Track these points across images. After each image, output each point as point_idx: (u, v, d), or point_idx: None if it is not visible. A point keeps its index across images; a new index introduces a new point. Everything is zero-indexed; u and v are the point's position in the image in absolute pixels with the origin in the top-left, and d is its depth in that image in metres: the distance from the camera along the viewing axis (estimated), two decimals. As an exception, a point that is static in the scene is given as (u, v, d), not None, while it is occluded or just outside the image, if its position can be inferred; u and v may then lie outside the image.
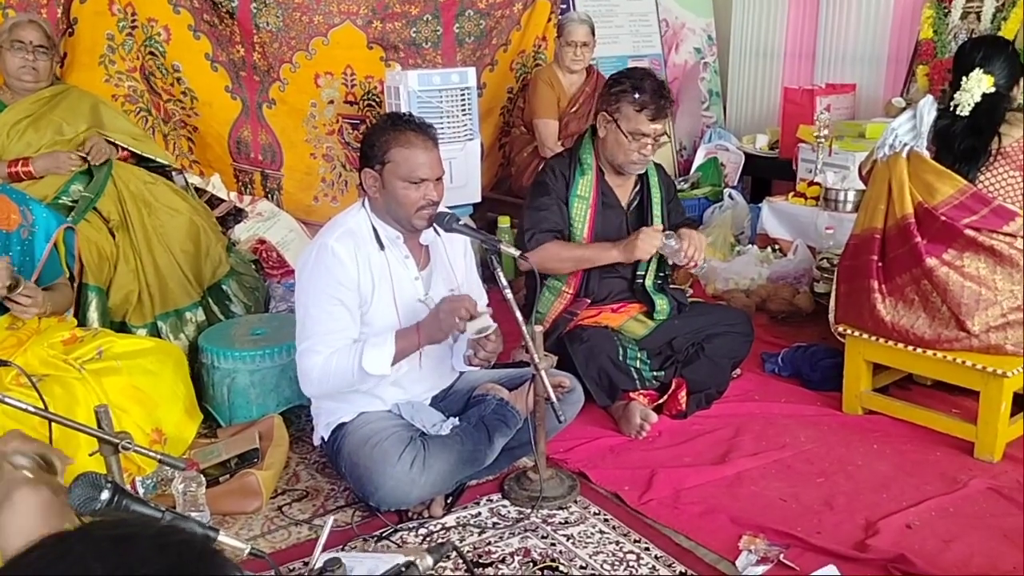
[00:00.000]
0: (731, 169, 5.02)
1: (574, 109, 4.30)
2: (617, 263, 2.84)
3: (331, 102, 4.24)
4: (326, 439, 2.41)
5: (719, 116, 5.67)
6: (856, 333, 2.78)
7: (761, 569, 2.05)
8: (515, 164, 4.49)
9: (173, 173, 3.35)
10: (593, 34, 4.29)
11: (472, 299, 2.25)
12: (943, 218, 2.55)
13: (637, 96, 2.72)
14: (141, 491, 2.33)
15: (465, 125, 3.90)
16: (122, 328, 2.91)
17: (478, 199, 4.08)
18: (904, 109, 4.28)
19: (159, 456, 1.80)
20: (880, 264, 2.68)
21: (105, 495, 1.13)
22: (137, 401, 2.44)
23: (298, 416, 2.84)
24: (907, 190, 2.63)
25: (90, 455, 1.84)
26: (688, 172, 5.16)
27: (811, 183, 4.09)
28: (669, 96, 2.82)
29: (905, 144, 2.67)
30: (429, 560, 1.07)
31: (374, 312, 2.30)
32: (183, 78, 3.91)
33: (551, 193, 2.87)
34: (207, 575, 0.63)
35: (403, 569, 1.00)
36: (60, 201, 2.95)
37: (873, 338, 2.74)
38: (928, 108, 2.68)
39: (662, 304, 2.90)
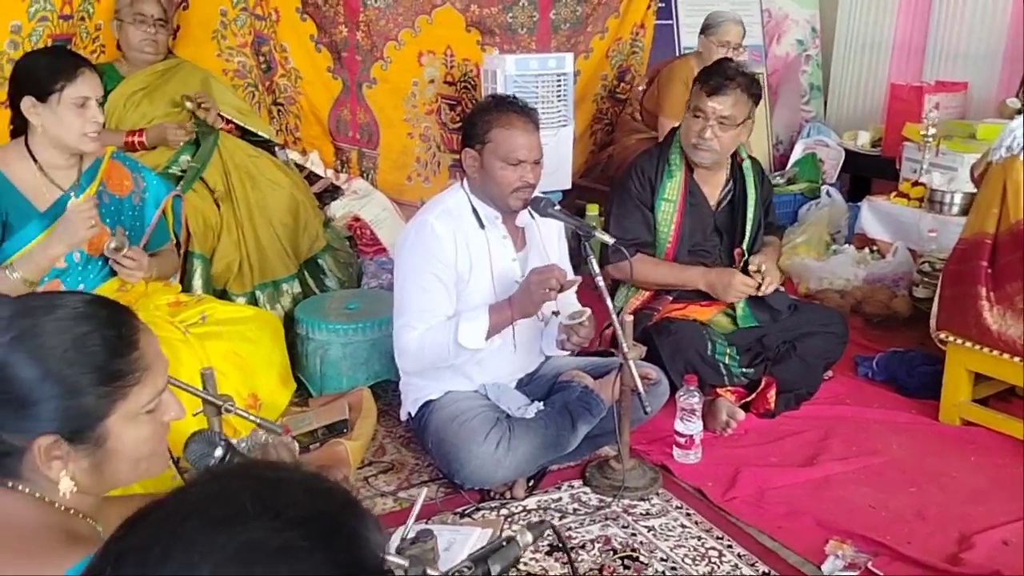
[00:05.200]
0: (830, 166, 4.89)
1: None
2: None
3: (432, 81, 4.29)
4: (413, 415, 2.46)
5: (819, 111, 5.52)
6: (959, 341, 2.68)
7: (848, 575, 2.01)
8: (619, 144, 4.40)
9: (276, 148, 3.44)
10: (744, 35, 4.05)
11: (561, 269, 2.25)
12: (1061, 225, 2.43)
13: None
14: (237, 453, 2.42)
15: (559, 111, 3.90)
16: (222, 295, 3.02)
17: (568, 186, 4.07)
18: (1019, 111, 4.10)
19: (259, 420, 1.87)
20: (990, 271, 2.57)
21: (219, 452, 1.18)
22: (236, 366, 2.52)
23: (385, 391, 2.90)
24: (1023, 194, 2.51)
25: (194, 415, 1.92)
26: (784, 167, 5.04)
27: (915, 183, 3.95)
28: (731, 74, 2.77)
29: (1024, 147, 2.56)
30: (529, 537, 1.08)
31: (471, 290, 2.33)
32: (289, 58, 4.02)
33: (634, 198, 2.85)
34: (348, 523, 0.66)
35: (504, 544, 1.02)
36: (170, 171, 3.07)
37: (977, 347, 2.63)
38: (1051, 109, 2.55)
39: (742, 309, 2.85)
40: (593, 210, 4.34)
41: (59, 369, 1.03)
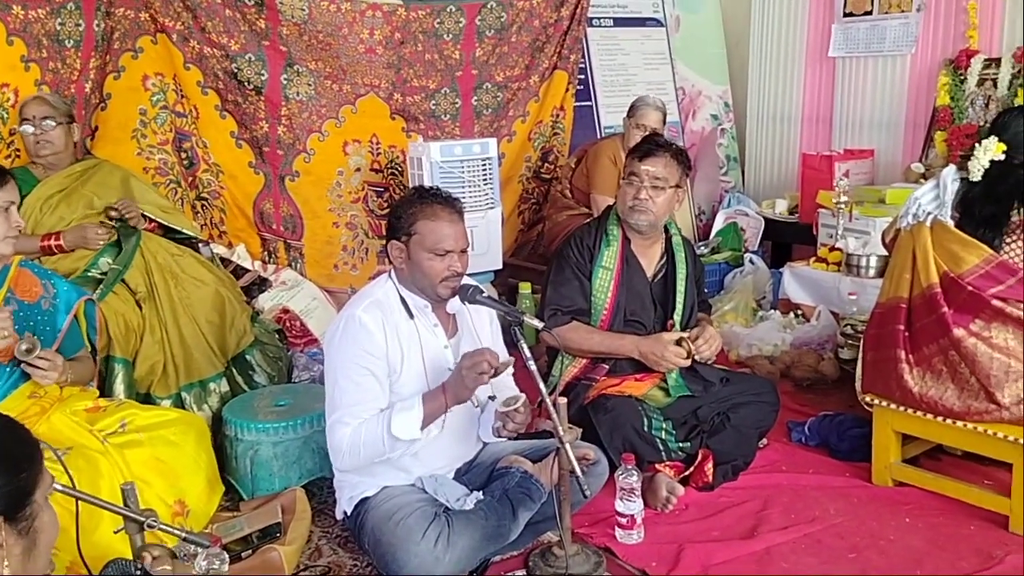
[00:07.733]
0: (751, 234, 5.04)
1: None
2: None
3: (358, 169, 4.32)
4: (349, 513, 2.39)
5: (737, 181, 5.72)
6: (884, 403, 2.74)
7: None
8: (550, 220, 4.51)
9: (200, 245, 3.40)
10: (664, 122, 4.20)
11: (493, 352, 2.24)
12: (969, 288, 2.53)
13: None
14: (163, 567, 2.31)
15: (486, 194, 3.96)
16: (147, 399, 2.92)
17: (499, 266, 4.11)
18: (924, 175, 4.32)
19: (185, 534, 1.80)
20: (907, 334, 2.65)
21: (134, 583, 1.12)
22: (160, 473, 2.43)
23: (320, 488, 2.82)
24: (932, 259, 2.61)
25: (115, 532, 1.84)
26: (708, 237, 5.18)
27: (832, 248, 4.09)
28: (660, 143, 2.93)
29: (929, 213, 2.67)
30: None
31: (404, 381, 2.30)
32: (210, 153, 4.00)
33: (572, 266, 2.90)
34: None
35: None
36: (89, 274, 2.99)
37: (901, 408, 2.70)
38: (951, 177, 2.67)
39: (675, 380, 2.89)
40: (525, 288, 4.38)
41: None
